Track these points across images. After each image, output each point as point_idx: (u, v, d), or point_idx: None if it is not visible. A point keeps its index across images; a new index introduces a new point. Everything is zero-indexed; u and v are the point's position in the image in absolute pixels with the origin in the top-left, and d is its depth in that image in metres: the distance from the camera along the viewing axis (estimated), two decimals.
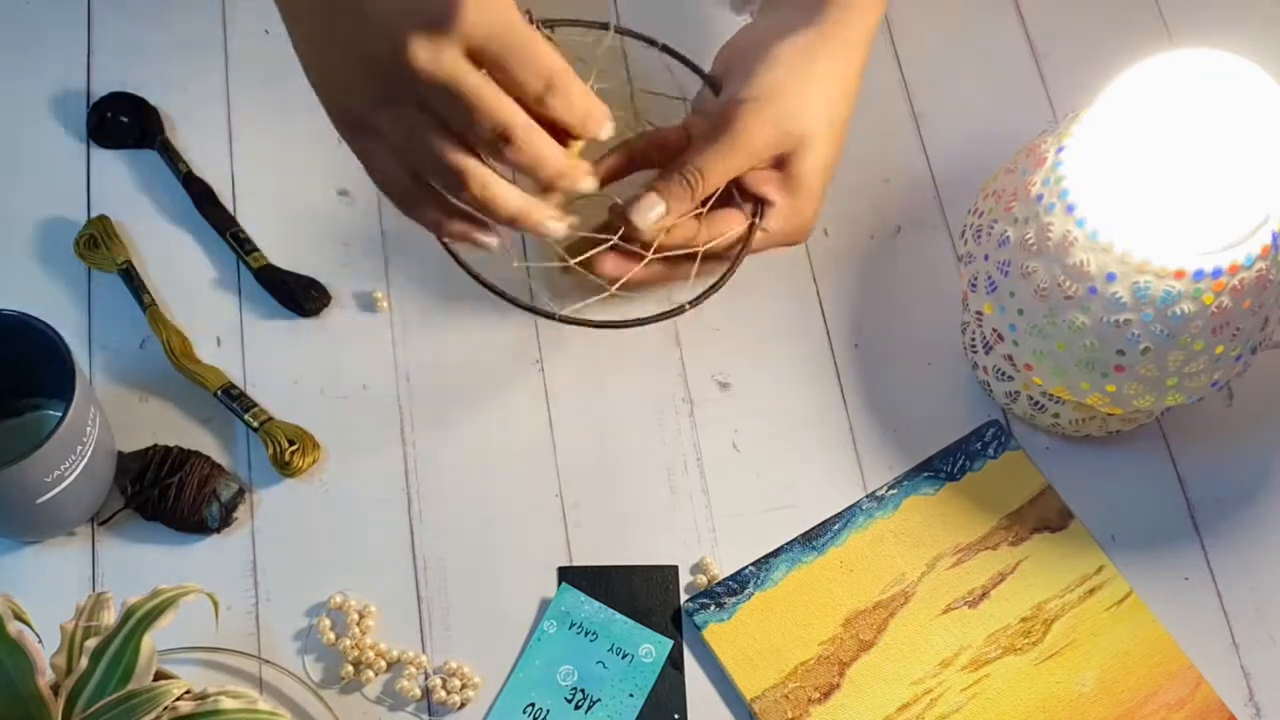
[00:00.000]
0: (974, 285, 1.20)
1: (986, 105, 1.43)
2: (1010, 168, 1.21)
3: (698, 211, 1.22)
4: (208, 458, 1.24)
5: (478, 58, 1.03)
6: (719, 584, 1.22)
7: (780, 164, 1.23)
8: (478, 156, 1.06)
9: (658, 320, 1.21)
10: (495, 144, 1.05)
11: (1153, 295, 1.11)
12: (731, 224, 1.23)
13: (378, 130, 1.07)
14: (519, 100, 1.05)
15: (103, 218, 1.34)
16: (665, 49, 1.28)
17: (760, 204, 1.23)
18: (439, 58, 1.02)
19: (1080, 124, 1.15)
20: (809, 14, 1.23)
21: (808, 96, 1.22)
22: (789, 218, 1.24)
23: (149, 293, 1.31)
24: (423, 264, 1.33)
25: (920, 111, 1.43)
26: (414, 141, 1.06)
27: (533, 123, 1.05)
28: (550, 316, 1.17)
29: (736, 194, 1.24)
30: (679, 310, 1.20)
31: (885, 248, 1.36)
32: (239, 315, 1.31)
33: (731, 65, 1.25)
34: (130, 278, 1.31)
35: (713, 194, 1.22)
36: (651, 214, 1.19)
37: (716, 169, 1.20)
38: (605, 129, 1.09)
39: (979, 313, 1.21)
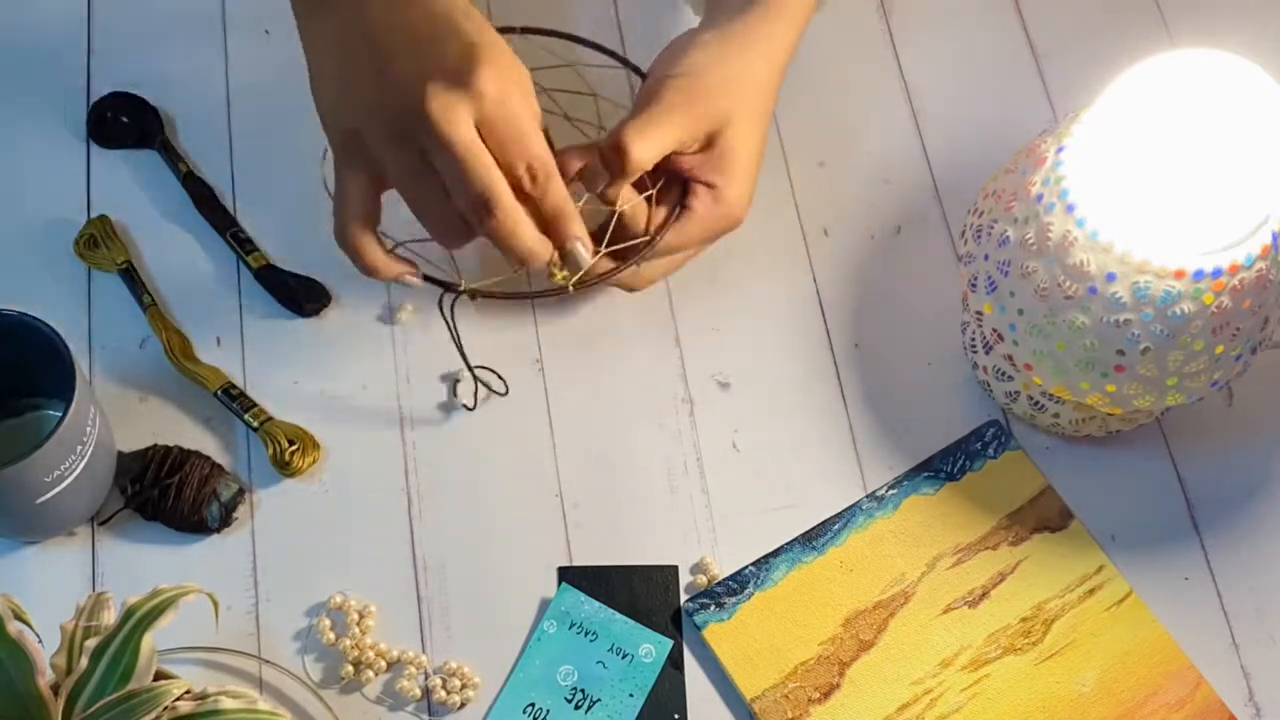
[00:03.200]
0: (974, 285, 1.20)
1: (986, 105, 1.43)
2: (1010, 168, 1.20)
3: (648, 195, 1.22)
4: (207, 458, 1.24)
5: (483, 128, 1.07)
6: (719, 584, 1.22)
7: (708, 144, 1.22)
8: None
9: (548, 295, 1.18)
10: (478, 210, 1.08)
11: (1153, 295, 1.11)
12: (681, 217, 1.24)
13: (378, 161, 1.10)
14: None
15: (103, 218, 1.34)
16: (601, 48, 1.29)
17: (685, 187, 1.23)
18: (448, 112, 1.06)
19: (1080, 124, 1.15)
20: (736, 14, 1.24)
21: (730, 75, 1.21)
22: (721, 201, 1.23)
23: (149, 293, 1.31)
24: (422, 264, 1.33)
25: (920, 111, 1.42)
26: (413, 183, 1.10)
27: (512, 200, 1.08)
28: (454, 289, 1.17)
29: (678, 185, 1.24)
30: (563, 289, 1.16)
31: (885, 248, 1.36)
32: (239, 315, 1.31)
33: (660, 59, 1.25)
34: (130, 278, 1.31)
35: (658, 180, 1.23)
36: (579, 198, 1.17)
37: (639, 141, 1.18)
38: (573, 243, 1.13)
39: (979, 313, 1.21)
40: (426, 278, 1.17)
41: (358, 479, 1.26)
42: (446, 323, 1.21)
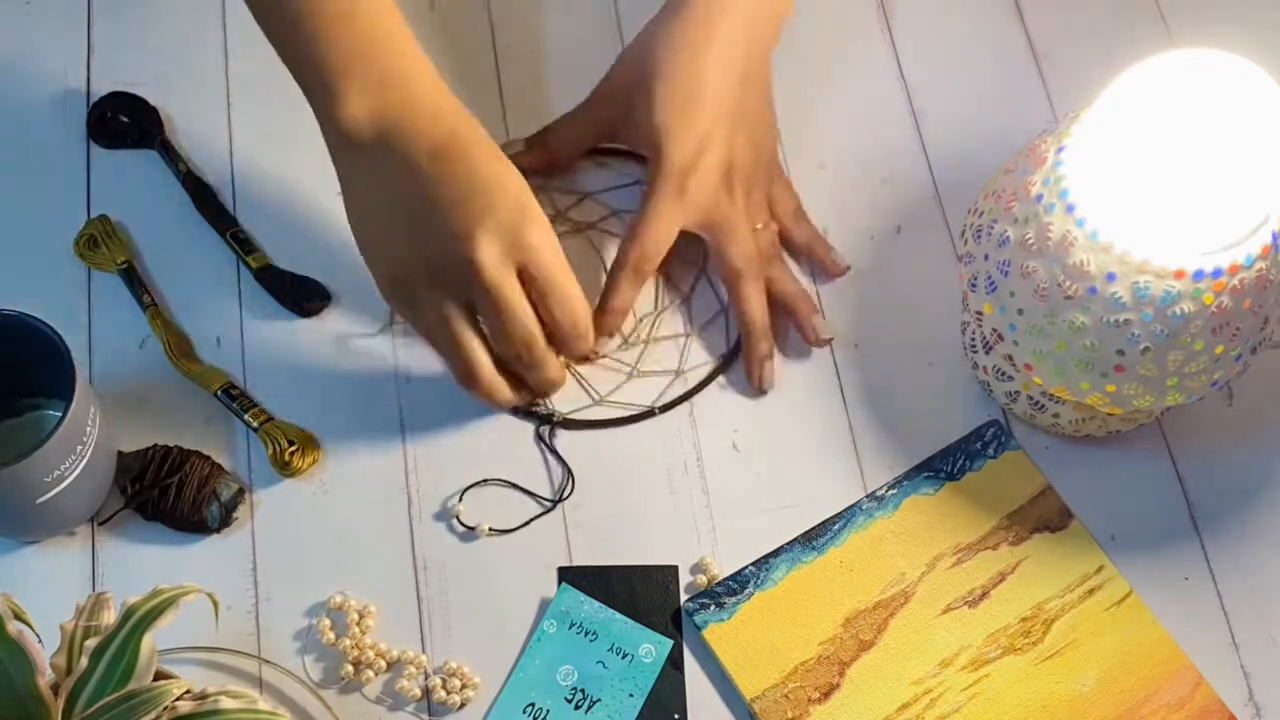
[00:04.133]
0: (974, 285, 1.20)
1: (986, 105, 1.42)
2: (1010, 168, 1.20)
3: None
4: (208, 457, 1.24)
5: (523, 277, 1.18)
6: (719, 584, 1.22)
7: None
8: (490, 351, 1.22)
9: (637, 420, 1.29)
10: (518, 352, 1.21)
11: (1153, 295, 1.11)
12: None
13: (420, 303, 1.20)
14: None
15: (103, 218, 1.33)
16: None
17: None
18: (500, 265, 1.16)
19: (1080, 124, 1.15)
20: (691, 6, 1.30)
21: (643, 50, 1.31)
22: (662, 192, 1.28)
23: (149, 293, 1.31)
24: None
25: (920, 111, 1.42)
26: (445, 326, 1.20)
27: (545, 343, 1.21)
28: (550, 420, 1.28)
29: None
30: (649, 413, 1.29)
31: (885, 248, 1.36)
32: (239, 315, 1.32)
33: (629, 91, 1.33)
34: (130, 278, 1.31)
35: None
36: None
37: (563, 127, 1.35)
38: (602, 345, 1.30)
39: (979, 313, 1.21)
40: (524, 410, 1.28)
41: (358, 479, 1.26)
42: (552, 450, 1.27)
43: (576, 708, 1.17)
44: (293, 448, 1.25)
